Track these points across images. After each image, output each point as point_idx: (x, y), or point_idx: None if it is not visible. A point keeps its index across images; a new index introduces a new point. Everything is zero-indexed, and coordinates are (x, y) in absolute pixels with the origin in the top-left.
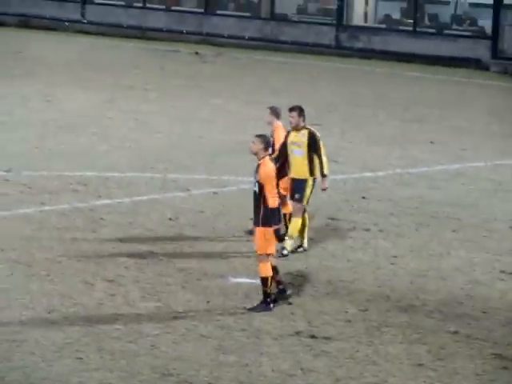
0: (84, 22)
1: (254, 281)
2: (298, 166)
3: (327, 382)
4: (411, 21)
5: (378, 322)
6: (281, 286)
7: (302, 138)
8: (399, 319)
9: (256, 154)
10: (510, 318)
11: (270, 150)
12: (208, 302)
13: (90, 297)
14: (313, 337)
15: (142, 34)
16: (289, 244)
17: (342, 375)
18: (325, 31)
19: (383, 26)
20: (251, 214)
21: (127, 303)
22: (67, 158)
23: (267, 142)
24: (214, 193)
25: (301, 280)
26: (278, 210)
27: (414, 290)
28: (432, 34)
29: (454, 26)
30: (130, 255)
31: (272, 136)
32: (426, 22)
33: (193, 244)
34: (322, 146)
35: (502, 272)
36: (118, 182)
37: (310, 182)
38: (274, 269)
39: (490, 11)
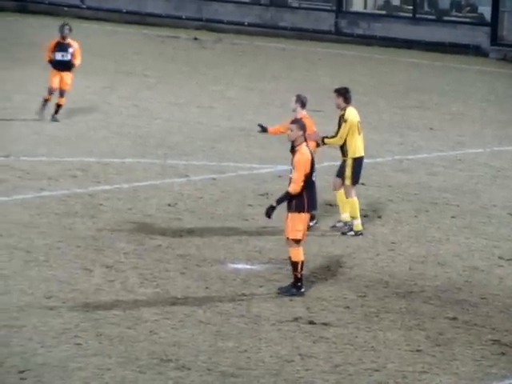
0: (83, 8)
1: (252, 267)
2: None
3: (326, 368)
4: (411, 7)
5: (377, 308)
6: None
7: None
8: (398, 305)
9: (294, 140)
10: (509, 304)
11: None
12: (207, 288)
13: (88, 283)
14: (311, 323)
15: (141, 19)
16: (355, 224)
17: (340, 361)
18: (324, 17)
19: (383, 12)
20: (250, 200)
21: (126, 289)
22: (66, 144)
23: (303, 127)
24: (213, 179)
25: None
26: (304, 195)
27: (412, 276)
28: (431, 20)
29: (454, 13)
30: (129, 241)
31: None
32: (426, 8)
33: (192, 230)
34: (344, 127)
35: (501, 258)
36: (118, 167)
37: (349, 162)
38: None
39: None
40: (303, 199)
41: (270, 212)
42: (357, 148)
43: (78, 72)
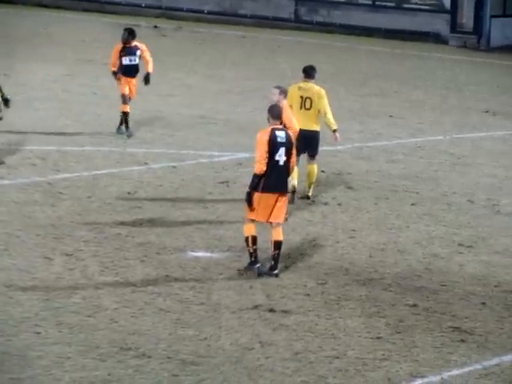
0: None
1: (212, 254)
2: None
3: (286, 356)
4: None
5: (337, 295)
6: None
7: None
8: (358, 293)
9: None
10: (469, 291)
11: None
12: (167, 276)
13: (48, 271)
14: (271, 310)
15: (100, 7)
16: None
17: (300, 348)
18: (284, 5)
19: None
20: (210, 188)
21: (86, 277)
22: (26, 132)
23: (272, 111)
24: (173, 167)
25: (260, 254)
26: (259, 176)
27: (372, 264)
28: (391, 7)
29: (413, 0)
30: (89, 229)
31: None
32: None
33: (151, 218)
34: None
35: (461, 245)
36: (77, 155)
37: None
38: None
39: None
40: (260, 179)
41: (248, 199)
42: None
43: (37, 60)
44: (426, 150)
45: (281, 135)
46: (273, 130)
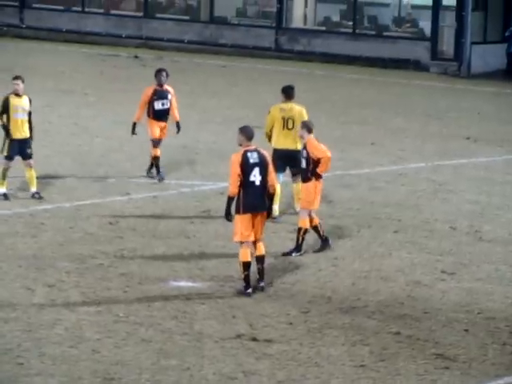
0: (22, 27)
1: (195, 284)
2: None
3: None
4: (350, 23)
5: (320, 323)
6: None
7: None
8: (341, 321)
9: (240, 145)
10: (451, 318)
11: None
12: (149, 306)
13: (30, 302)
14: (254, 339)
15: (81, 38)
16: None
17: (283, 377)
18: (264, 34)
19: (323, 28)
20: (191, 218)
21: (68, 308)
22: None
23: (246, 132)
24: (155, 197)
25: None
26: (239, 198)
27: (355, 292)
28: (371, 35)
29: (394, 28)
30: (71, 260)
31: (305, 148)
32: (366, 23)
33: (133, 248)
34: (267, 119)
35: (443, 272)
36: (59, 186)
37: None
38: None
39: (429, 13)
40: (239, 201)
41: (227, 218)
42: (277, 140)
43: None
44: (407, 177)
45: (253, 156)
46: (245, 152)
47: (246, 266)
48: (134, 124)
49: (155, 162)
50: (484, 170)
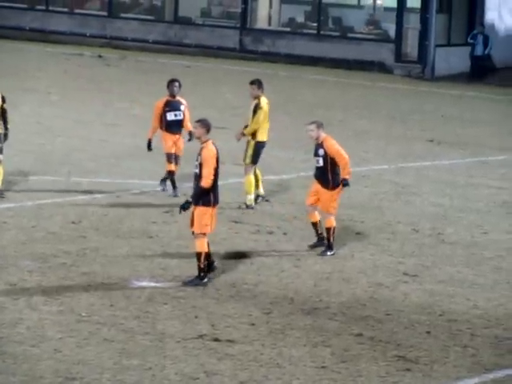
0: None
1: (157, 284)
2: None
3: None
4: (315, 24)
5: (282, 324)
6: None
7: (250, 106)
8: (303, 322)
9: (199, 138)
10: (414, 320)
11: None
12: (111, 305)
13: None
14: (216, 340)
15: (44, 37)
16: (248, 199)
17: (245, 378)
18: (229, 34)
19: (287, 29)
20: (155, 217)
21: (30, 307)
22: None
23: (207, 125)
24: (118, 196)
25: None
26: (211, 190)
27: (317, 293)
28: (336, 37)
29: (358, 30)
30: (33, 259)
31: (322, 147)
32: (330, 25)
33: (96, 247)
34: (260, 113)
35: (405, 274)
36: (22, 185)
37: (252, 144)
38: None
39: (394, 15)
40: (209, 194)
41: (186, 207)
42: (263, 133)
43: None
44: (370, 179)
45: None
46: (214, 145)
47: (207, 255)
48: (150, 140)
49: (170, 176)
50: (447, 172)
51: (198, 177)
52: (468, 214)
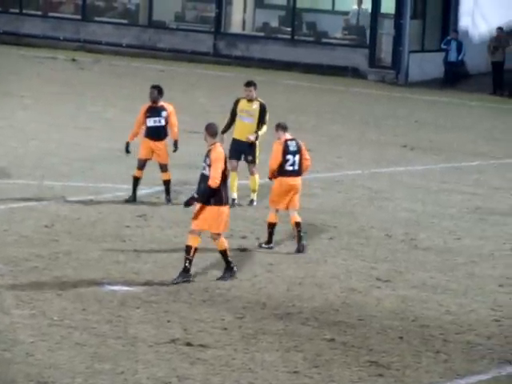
0: None
1: (129, 288)
2: (248, 130)
3: None
4: (289, 29)
5: (255, 329)
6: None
7: (254, 107)
8: (275, 327)
9: (208, 142)
10: (386, 325)
11: None
12: (83, 309)
13: None
14: (189, 344)
15: (18, 40)
16: (255, 195)
17: (217, 383)
18: (203, 39)
19: (261, 34)
20: (128, 222)
21: (2, 311)
22: None
23: (212, 130)
24: (91, 200)
25: (177, 287)
26: (221, 190)
27: (290, 298)
28: (310, 42)
29: (332, 35)
30: (5, 263)
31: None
32: (304, 30)
33: (69, 251)
34: (266, 115)
35: (378, 280)
36: None
37: (257, 144)
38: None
39: (368, 20)
40: (222, 194)
41: (190, 203)
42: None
43: None
44: (344, 184)
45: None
46: (222, 147)
47: (195, 251)
48: (127, 143)
49: (134, 181)
50: (420, 178)
51: (207, 177)
52: (441, 220)
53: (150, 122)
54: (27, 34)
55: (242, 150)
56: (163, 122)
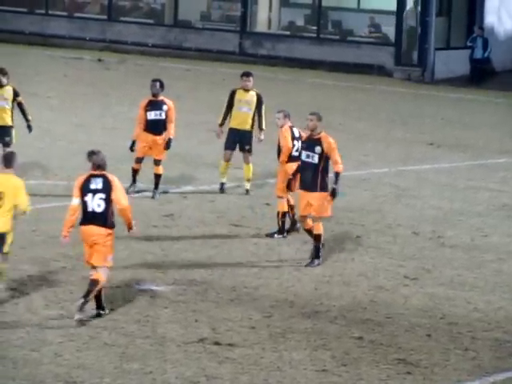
0: None
1: (157, 288)
2: (245, 119)
3: None
4: (315, 27)
5: (283, 328)
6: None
7: (251, 96)
8: (303, 325)
9: (313, 129)
10: (414, 323)
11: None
12: (112, 309)
13: None
14: (217, 343)
15: (44, 41)
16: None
17: (246, 382)
18: (229, 38)
19: (287, 32)
20: (155, 221)
21: (30, 311)
22: None
23: (321, 118)
24: None
25: (205, 286)
26: (325, 178)
27: (318, 296)
28: (335, 40)
29: (358, 33)
30: (33, 263)
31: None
32: (330, 28)
33: None
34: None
35: (406, 277)
36: None
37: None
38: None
39: (394, 18)
40: (325, 181)
41: (335, 194)
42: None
43: None
44: (370, 182)
45: None
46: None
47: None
48: (133, 142)
49: (132, 173)
50: (447, 175)
51: (313, 166)
52: (468, 217)
53: (151, 115)
54: (53, 35)
55: (239, 140)
56: (163, 116)
